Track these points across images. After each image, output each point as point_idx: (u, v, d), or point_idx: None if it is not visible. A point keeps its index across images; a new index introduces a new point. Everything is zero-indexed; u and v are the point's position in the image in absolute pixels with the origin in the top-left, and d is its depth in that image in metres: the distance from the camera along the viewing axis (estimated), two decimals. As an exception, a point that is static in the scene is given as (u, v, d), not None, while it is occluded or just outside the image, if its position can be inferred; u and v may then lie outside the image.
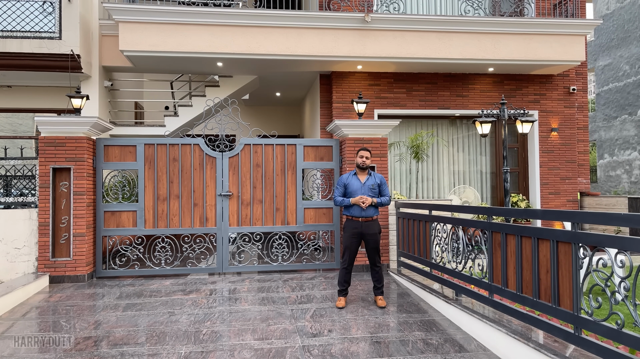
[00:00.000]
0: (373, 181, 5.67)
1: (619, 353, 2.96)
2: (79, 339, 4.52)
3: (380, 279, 5.67)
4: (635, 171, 18.79)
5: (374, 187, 5.63)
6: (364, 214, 5.55)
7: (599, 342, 3.14)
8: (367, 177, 5.71)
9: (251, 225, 7.76)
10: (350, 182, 5.68)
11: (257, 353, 4.13)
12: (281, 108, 15.58)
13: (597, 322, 3.14)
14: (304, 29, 9.26)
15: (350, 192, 5.64)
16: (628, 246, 2.91)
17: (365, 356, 4.07)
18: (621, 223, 3.00)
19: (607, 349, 3.04)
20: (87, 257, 7.07)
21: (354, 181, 5.67)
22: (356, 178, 5.69)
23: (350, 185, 5.66)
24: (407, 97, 10.55)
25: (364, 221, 5.57)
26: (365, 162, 5.65)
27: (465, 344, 4.36)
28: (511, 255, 4.16)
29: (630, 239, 2.91)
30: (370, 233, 5.57)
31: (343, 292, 5.66)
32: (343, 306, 5.54)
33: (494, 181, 11.24)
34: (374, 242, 5.59)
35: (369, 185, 5.62)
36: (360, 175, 5.72)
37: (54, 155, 7.02)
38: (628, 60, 19.01)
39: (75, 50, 9.17)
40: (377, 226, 5.64)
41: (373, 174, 5.77)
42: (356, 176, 5.72)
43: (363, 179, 5.68)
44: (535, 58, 9.80)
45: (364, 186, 5.61)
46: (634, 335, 2.85)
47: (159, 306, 5.68)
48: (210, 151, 7.72)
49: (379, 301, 5.59)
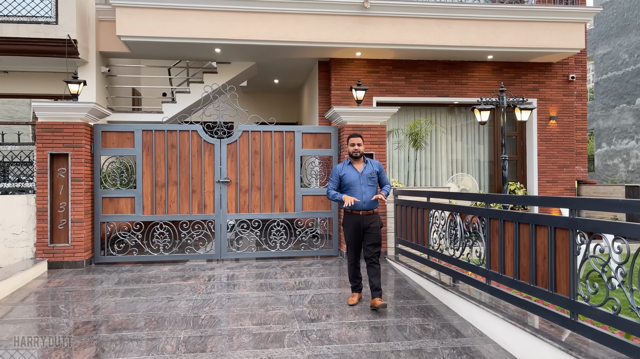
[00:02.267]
0: (371, 170, 5.10)
1: (614, 337, 2.99)
2: (78, 323, 4.54)
3: (378, 275, 5.01)
4: (632, 160, 18.83)
5: (372, 176, 5.07)
6: (364, 207, 5.01)
7: (594, 327, 3.17)
8: (364, 165, 5.12)
9: (249, 212, 7.77)
10: (346, 173, 5.09)
11: (256, 338, 4.15)
12: (279, 96, 15.52)
13: (593, 307, 3.16)
14: (302, 14, 9.19)
15: (348, 184, 5.05)
16: (625, 232, 2.92)
17: (363, 341, 4.10)
18: (619, 209, 3.01)
19: (602, 333, 3.07)
20: (86, 243, 7.07)
21: (350, 171, 5.08)
22: (352, 168, 5.10)
23: (347, 176, 5.07)
24: (406, 85, 10.52)
25: (364, 215, 5.04)
26: (357, 149, 5.07)
27: (462, 330, 4.40)
28: (509, 241, 4.18)
29: (627, 225, 2.92)
30: (373, 226, 5.04)
31: (356, 288, 5.24)
32: (355, 303, 5.11)
33: (491, 170, 11.25)
34: (375, 237, 5.04)
35: (367, 174, 5.06)
36: (356, 164, 5.13)
37: (52, 141, 6.99)
38: (627, 49, 18.95)
39: (72, 35, 9.10)
40: (379, 218, 5.14)
41: (370, 161, 5.18)
42: (352, 165, 5.12)
43: (360, 168, 5.10)
44: (534, 45, 9.76)
45: (362, 176, 5.05)
46: (630, 320, 2.88)
47: (158, 291, 5.70)
48: (209, 137, 7.71)
49: (378, 301, 4.88)
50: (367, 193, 5.03)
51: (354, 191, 5.03)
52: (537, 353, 3.53)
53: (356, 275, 5.24)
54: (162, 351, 3.86)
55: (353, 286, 5.27)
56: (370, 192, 5.05)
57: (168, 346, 3.98)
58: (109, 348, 3.93)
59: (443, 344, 4.03)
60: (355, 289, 5.27)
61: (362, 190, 5.03)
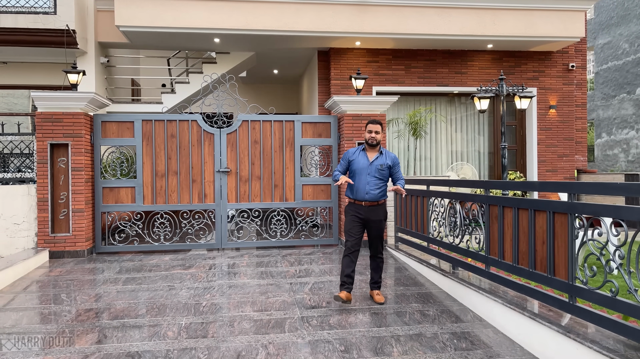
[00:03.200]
0: (383, 162, 4.75)
1: (612, 319, 3.01)
2: (80, 311, 4.58)
3: (379, 269, 4.88)
4: (632, 150, 18.84)
5: (382, 168, 4.73)
6: (367, 197, 4.69)
7: (593, 310, 3.20)
8: (377, 155, 4.79)
9: (249, 201, 7.79)
10: (356, 159, 4.79)
11: (257, 324, 4.19)
12: (279, 86, 15.49)
13: (591, 291, 3.19)
14: (302, 4, 9.16)
15: (354, 170, 4.77)
16: (623, 215, 2.94)
17: (363, 326, 4.13)
18: (617, 192, 3.03)
19: (600, 316, 3.10)
20: (87, 233, 7.10)
21: (361, 158, 4.78)
22: (364, 155, 4.79)
23: (355, 162, 4.78)
24: (406, 74, 10.50)
25: (367, 206, 4.72)
26: (375, 137, 4.75)
27: (461, 316, 4.43)
28: (508, 227, 4.20)
29: (625, 208, 2.94)
30: (374, 219, 4.74)
31: (344, 286, 4.65)
32: (344, 299, 4.53)
33: (491, 161, 11.26)
34: (378, 230, 4.79)
35: (376, 165, 4.73)
36: (370, 152, 4.82)
37: (52, 131, 6.99)
38: (628, 38, 18.89)
39: (71, 25, 9.08)
40: (383, 211, 4.83)
41: (385, 153, 4.83)
42: (364, 152, 4.82)
43: (372, 157, 4.78)
44: (534, 34, 9.74)
45: (370, 166, 4.72)
46: (628, 302, 2.90)
47: (159, 280, 5.74)
48: (208, 127, 7.71)
49: (376, 297, 4.82)
50: (371, 183, 4.70)
51: (359, 180, 4.74)
52: (535, 336, 3.57)
53: (348, 271, 4.65)
54: (164, 336, 3.90)
55: (342, 282, 4.68)
56: (374, 184, 4.71)
57: (170, 332, 4.01)
58: (111, 334, 3.97)
59: (442, 330, 4.06)
60: (342, 286, 4.66)
61: (366, 179, 4.71)
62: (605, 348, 2.96)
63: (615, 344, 3.01)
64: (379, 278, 4.90)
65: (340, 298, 4.52)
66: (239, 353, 3.57)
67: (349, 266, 4.67)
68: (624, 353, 2.88)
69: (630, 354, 2.86)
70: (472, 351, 3.63)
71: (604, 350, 2.93)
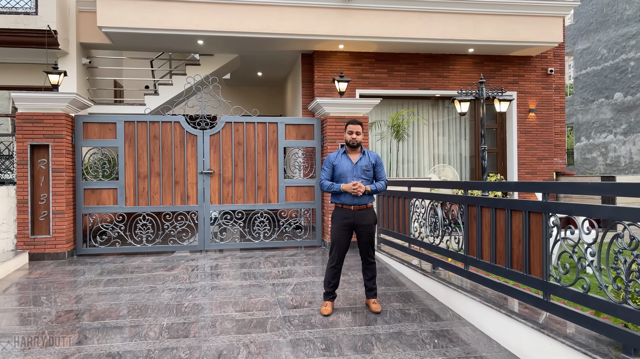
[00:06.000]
0: (367, 162, 4.62)
1: (583, 315, 3.10)
2: (60, 312, 4.55)
3: (373, 277, 4.70)
4: (610, 153, 19.22)
5: (367, 169, 4.59)
6: (356, 201, 4.53)
7: (565, 306, 3.29)
8: (360, 156, 4.65)
9: (233, 203, 7.80)
10: (339, 163, 4.63)
11: (239, 323, 4.21)
12: (263, 89, 15.51)
13: (564, 287, 3.28)
14: (285, 7, 9.21)
15: (339, 174, 4.59)
16: (595, 213, 3.04)
17: (344, 325, 4.18)
18: (589, 191, 3.12)
19: (573, 312, 3.19)
20: (67, 234, 7.04)
21: (344, 161, 4.62)
22: (346, 158, 4.63)
23: (340, 166, 4.61)
24: (389, 77, 10.61)
25: (356, 210, 4.55)
26: (355, 139, 4.60)
27: (440, 314, 4.50)
28: (486, 227, 4.29)
29: (596, 207, 3.03)
30: (363, 224, 4.56)
31: (329, 296, 4.62)
32: (330, 312, 4.49)
33: (473, 164, 11.43)
34: (368, 235, 4.60)
35: (361, 166, 4.59)
36: (352, 154, 4.67)
37: (32, 132, 6.93)
38: (606, 44, 19.30)
39: (52, 26, 9.00)
40: (373, 215, 4.64)
41: (367, 153, 4.70)
42: (346, 155, 4.65)
43: (355, 158, 4.64)
44: (514, 39, 9.92)
45: (355, 168, 4.58)
46: (599, 298, 3.00)
47: (141, 281, 5.72)
48: (191, 129, 7.70)
49: (373, 306, 4.60)
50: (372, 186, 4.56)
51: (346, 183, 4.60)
52: (511, 333, 3.65)
53: (333, 282, 4.60)
54: (145, 337, 3.90)
55: (326, 291, 4.63)
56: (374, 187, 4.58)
57: (151, 332, 4.01)
58: (91, 335, 3.95)
59: (422, 328, 4.13)
60: (327, 296, 4.63)
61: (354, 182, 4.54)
62: (577, 343, 3.05)
63: (587, 340, 3.10)
64: (374, 285, 4.68)
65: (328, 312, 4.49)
66: (221, 352, 3.59)
67: (335, 276, 4.60)
68: (596, 347, 2.97)
69: (601, 349, 2.95)
70: (451, 348, 3.69)
71: (576, 345, 3.02)
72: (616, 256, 2.87)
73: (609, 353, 2.88)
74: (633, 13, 17.95)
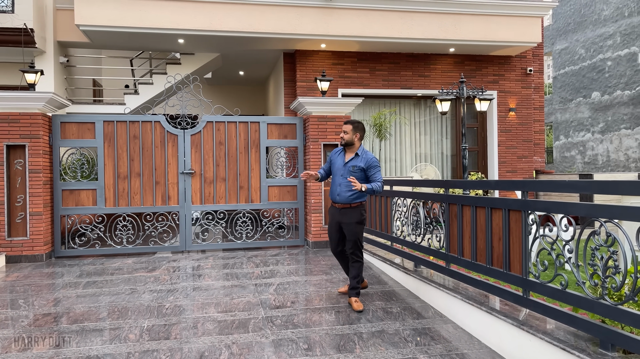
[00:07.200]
0: (356, 164, 4.66)
1: (562, 311, 3.15)
2: (38, 316, 4.46)
3: (354, 272, 4.73)
4: (588, 152, 19.56)
5: (354, 170, 4.64)
6: (339, 199, 4.68)
7: (544, 303, 3.33)
8: (353, 156, 4.72)
9: (214, 203, 7.74)
10: (335, 160, 4.83)
11: (221, 324, 4.18)
12: (245, 88, 15.44)
13: (543, 284, 3.32)
14: (267, 5, 9.17)
15: (332, 171, 4.84)
16: (572, 210, 3.08)
17: (326, 325, 4.18)
18: (566, 189, 3.17)
19: (551, 308, 3.23)
20: (45, 236, 6.91)
21: (338, 159, 4.79)
22: (342, 156, 4.79)
23: (334, 163, 4.83)
24: (371, 77, 10.64)
25: (339, 208, 4.72)
26: (342, 137, 4.72)
27: (422, 312, 4.53)
28: (467, 225, 4.32)
29: (572, 204, 3.07)
30: (346, 222, 4.67)
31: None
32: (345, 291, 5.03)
33: (454, 163, 11.52)
34: (351, 234, 4.68)
35: (349, 166, 4.67)
36: (347, 153, 4.79)
37: (8, 132, 6.79)
38: (584, 44, 19.63)
39: (29, 24, 8.84)
40: (357, 215, 4.68)
41: (363, 154, 4.71)
42: (343, 153, 4.81)
43: (347, 158, 4.75)
44: (494, 39, 10.02)
45: (344, 167, 4.70)
46: (577, 294, 3.04)
47: (121, 283, 5.64)
48: (172, 128, 7.63)
49: (354, 304, 4.60)
50: (342, 185, 4.66)
51: (333, 181, 4.79)
52: (492, 330, 3.69)
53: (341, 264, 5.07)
54: (125, 339, 3.84)
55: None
56: (346, 185, 4.64)
57: (131, 334, 3.96)
58: (69, 338, 3.88)
59: (404, 326, 4.14)
60: None
61: (339, 181, 4.70)
62: (556, 339, 3.09)
63: (566, 336, 3.14)
64: (357, 284, 4.70)
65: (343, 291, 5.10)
66: (202, 353, 3.56)
67: (341, 261, 5.05)
68: (574, 343, 3.01)
69: (579, 344, 2.99)
70: (432, 346, 3.72)
71: (555, 341, 3.06)
72: (593, 252, 2.92)
73: (587, 348, 2.93)
74: (610, 14, 18.29)
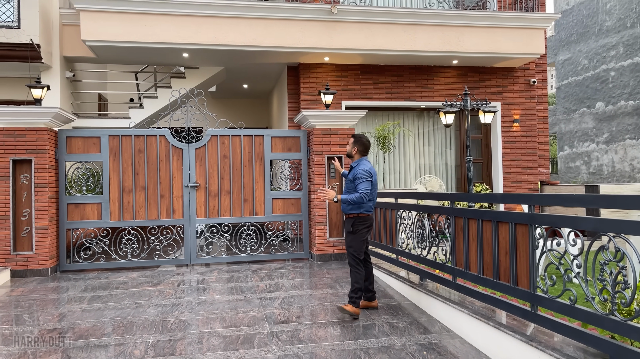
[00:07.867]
0: (348, 175, 4.91)
1: (571, 327, 3.11)
2: (43, 331, 4.45)
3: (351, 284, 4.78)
4: (593, 162, 19.49)
5: (347, 182, 4.93)
6: (342, 209, 4.93)
7: (553, 318, 3.29)
8: (351, 168, 4.93)
9: (219, 216, 7.74)
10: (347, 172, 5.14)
11: (226, 340, 4.15)
12: (249, 101, 15.50)
13: (552, 299, 3.29)
14: (270, 19, 9.24)
15: None
16: (580, 225, 3.06)
17: (332, 340, 4.15)
18: (573, 203, 3.15)
19: (560, 324, 3.20)
20: (50, 250, 6.92)
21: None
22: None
23: None
24: (374, 89, 10.67)
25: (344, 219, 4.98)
26: (347, 149, 5.07)
27: (429, 327, 4.49)
28: (473, 238, 4.30)
29: (581, 218, 3.06)
30: (345, 231, 4.95)
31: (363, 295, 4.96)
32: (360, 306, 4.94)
33: (459, 174, 11.50)
34: (345, 242, 4.94)
35: (349, 177, 4.89)
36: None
37: (14, 147, 6.83)
38: (587, 54, 19.65)
39: (35, 39, 8.92)
40: (349, 226, 4.83)
41: (355, 166, 4.86)
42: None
43: (348, 170, 5.05)
44: (497, 50, 10.05)
45: (346, 179, 4.98)
46: (586, 310, 3.01)
47: (126, 298, 5.63)
48: (177, 142, 7.65)
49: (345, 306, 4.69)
50: (343, 196, 4.79)
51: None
52: (500, 345, 3.65)
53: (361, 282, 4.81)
54: (130, 355, 3.82)
55: None
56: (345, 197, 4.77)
57: (136, 350, 3.94)
58: (75, 354, 3.87)
59: (411, 341, 4.11)
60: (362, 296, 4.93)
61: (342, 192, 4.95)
62: (565, 355, 3.05)
63: (575, 352, 3.11)
64: (351, 293, 4.73)
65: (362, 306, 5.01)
66: (208, 370, 3.53)
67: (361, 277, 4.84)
68: (584, 359, 2.98)
69: (589, 360, 2.96)
70: (440, 361, 3.68)
71: (564, 357, 3.02)
72: (602, 267, 2.89)
73: (597, 364, 2.89)
74: (612, 24, 18.33)
